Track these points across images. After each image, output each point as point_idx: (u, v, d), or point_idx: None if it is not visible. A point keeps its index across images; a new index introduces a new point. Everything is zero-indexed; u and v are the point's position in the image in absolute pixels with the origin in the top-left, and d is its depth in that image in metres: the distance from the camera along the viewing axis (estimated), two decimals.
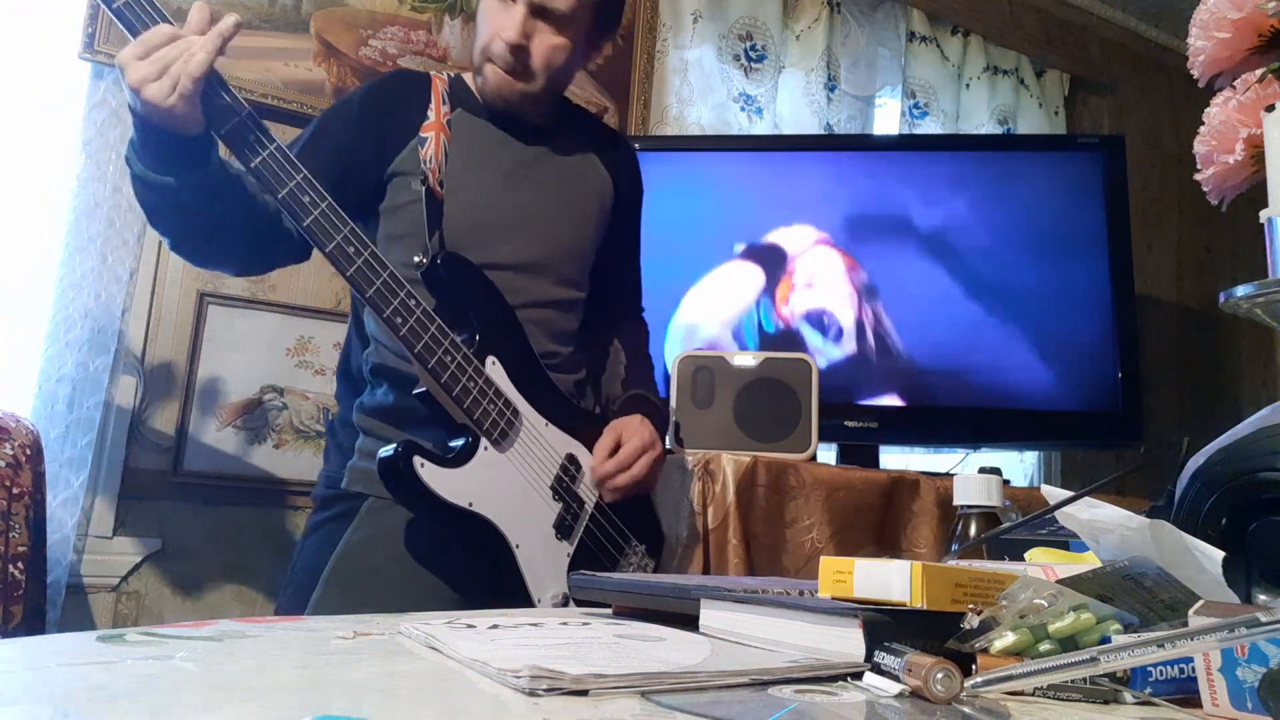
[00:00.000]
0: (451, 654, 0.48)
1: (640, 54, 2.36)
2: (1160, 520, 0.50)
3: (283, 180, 1.05)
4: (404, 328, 1.09)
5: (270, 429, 1.85)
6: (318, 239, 1.06)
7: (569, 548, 1.21)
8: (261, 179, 1.05)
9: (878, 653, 0.44)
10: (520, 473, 1.18)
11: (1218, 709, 0.40)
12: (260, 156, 1.04)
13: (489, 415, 1.15)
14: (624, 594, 0.70)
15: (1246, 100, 0.68)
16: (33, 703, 0.36)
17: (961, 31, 2.80)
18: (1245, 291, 0.58)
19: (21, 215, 1.72)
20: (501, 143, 1.32)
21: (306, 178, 1.06)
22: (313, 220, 1.06)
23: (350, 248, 1.07)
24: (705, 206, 2.06)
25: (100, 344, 1.70)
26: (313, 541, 1.23)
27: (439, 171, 1.23)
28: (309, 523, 1.28)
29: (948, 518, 1.59)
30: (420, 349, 1.10)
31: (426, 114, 1.27)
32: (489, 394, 1.15)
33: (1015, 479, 2.64)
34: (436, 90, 1.29)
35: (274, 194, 1.05)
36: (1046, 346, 2.02)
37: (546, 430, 1.22)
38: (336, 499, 1.23)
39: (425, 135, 1.25)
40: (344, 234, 1.07)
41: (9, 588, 1.30)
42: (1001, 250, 2.06)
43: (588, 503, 1.25)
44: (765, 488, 1.51)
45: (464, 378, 1.13)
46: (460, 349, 1.13)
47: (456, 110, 1.30)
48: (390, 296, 1.09)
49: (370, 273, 1.08)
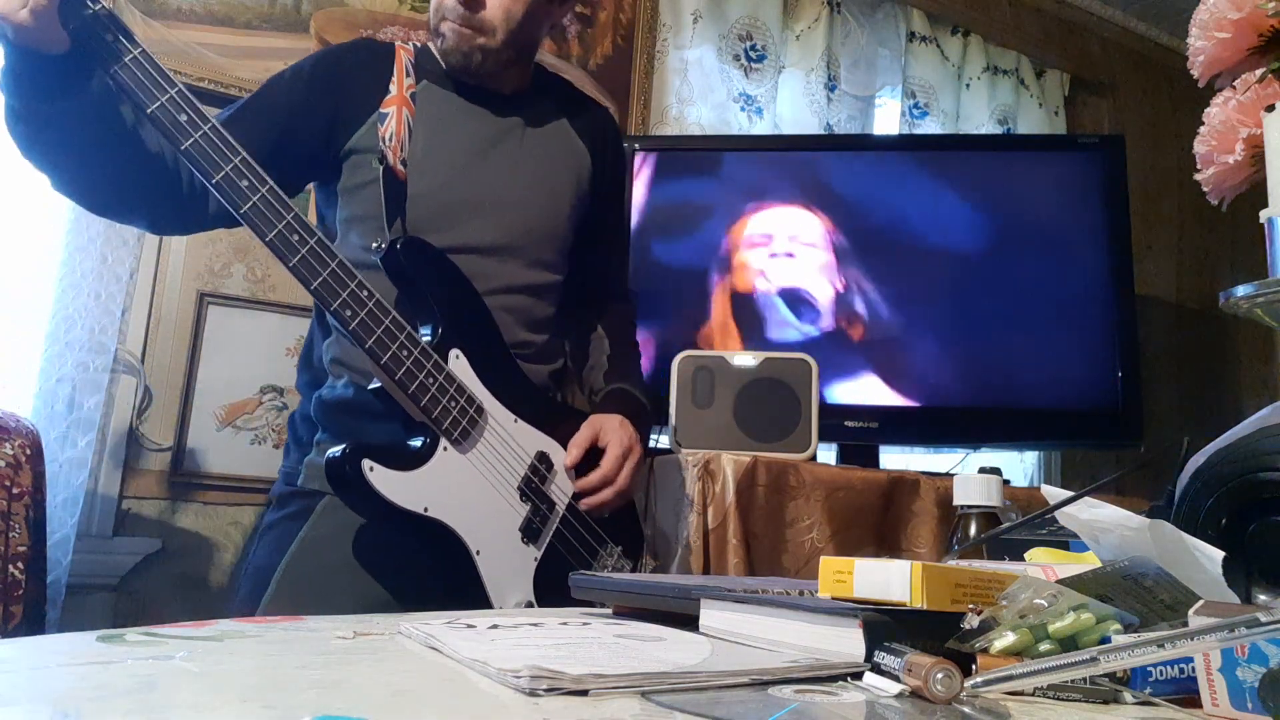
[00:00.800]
0: (451, 654, 0.48)
1: (640, 54, 2.36)
2: (1160, 520, 0.50)
3: (218, 164, 0.97)
4: (354, 321, 1.02)
5: (270, 429, 1.85)
6: (256, 227, 0.98)
7: (536, 552, 1.14)
8: (194, 161, 0.97)
9: (878, 653, 0.44)
10: (483, 474, 1.11)
11: (1218, 709, 0.40)
12: (192, 138, 0.96)
13: (449, 413, 1.08)
14: (624, 594, 0.70)
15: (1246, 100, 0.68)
16: (33, 703, 0.36)
17: (961, 31, 2.80)
18: (1245, 291, 0.58)
19: (21, 215, 1.72)
20: (469, 115, 1.24)
21: (245, 159, 0.98)
22: (250, 207, 0.98)
23: (294, 235, 1.00)
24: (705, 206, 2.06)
25: (100, 344, 1.70)
26: (267, 540, 1.17)
27: (400, 150, 1.16)
28: (265, 521, 1.22)
29: (948, 518, 1.59)
30: (372, 343, 1.03)
31: (388, 88, 1.19)
32: (450, 390, 1.08)
33: (1015, 479, 2.64)
34: (400, 61, 1.21)
35: (208, 179, 0.97)
36: (1046, 346, 2.02)
37: (515, 427, 1.15)
38: (293, 496, 1.18)
39: (386, 110, 1.17)
40: (286, 221, 0.99)
41: (9, 588, 1.30)
42: (1001, 250, 2.06)
43: (559, 504, 1.17)
44: (765, 488, 1.51)
45: (421, 374, 1.06)
46: (417, 343, 1.06)
47: (422, 82, 1.23)
48: (339, 288, 1.02)
49: (316, 262, 1.01)
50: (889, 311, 2.02)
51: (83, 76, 0.97)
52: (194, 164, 0.97)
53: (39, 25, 0.89)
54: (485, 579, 1.09)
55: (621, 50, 2.33)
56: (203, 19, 1.85)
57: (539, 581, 1.14)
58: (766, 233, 2.06)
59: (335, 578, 1.10)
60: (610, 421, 1.23)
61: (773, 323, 2.01)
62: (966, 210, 2.08)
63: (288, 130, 1.14)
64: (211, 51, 1.86)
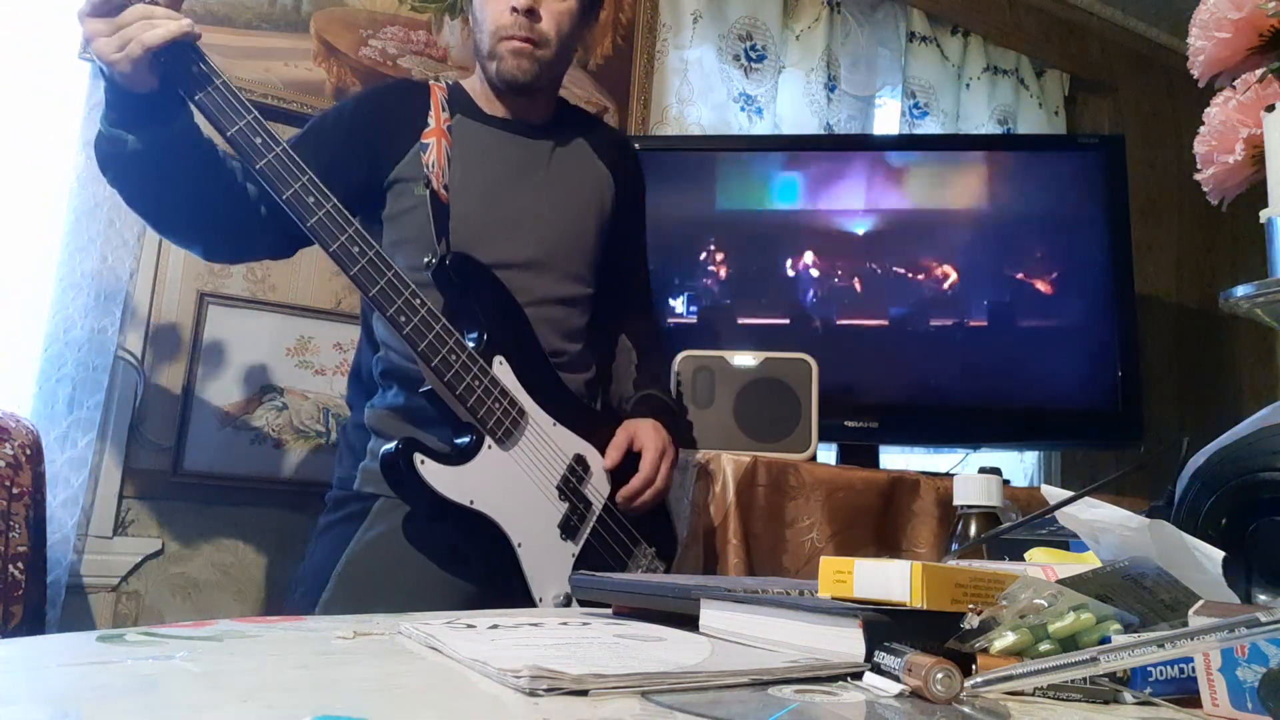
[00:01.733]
0: (451, 654, 0.48)
1: (640, 54, 2.36)
2: (1160, 520, 0.50)
3: (288, 182, 1.07)
4: (408, 326, 1.11)
5: (270, 429, 1.85)
6: (321, 238, 1.08)
7: (574, 548, 1.21)
8: (266, 180, 1.07)
9: (878, 653, 0.44)
10: (525, 472, 1.18)
11: (1218, 709, 0.40)
12: (266, 158, 1.07)
13: (493, 414, 1.16)
14: (624, 594, 0.70)
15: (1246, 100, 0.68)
16: (33, 703, 0.36)
17: (961, 31, 2.80)
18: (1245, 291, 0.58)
19: (21, 215, 1.72)
20: (501, 144, 1.34)
21: (312, 179, 1.08)
22: (317, 220, 1.08)
23: (355, 248, 1.09)
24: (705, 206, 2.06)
25: (100, 344, 1.70)
26: (325, 542, 1.24)
27: (443, 175, 1.25)
28: (321, 524, 1.29)
29: (948, 518, 1.59)
30: (424, 348, 1.11)
31: (427, 120, 1.29)
32: (494, 393, 1.16)
33: (1015, 479, 2.64)
34: (435, 97, 1.31)
35: (279, 195, 1.07)
36: (1046, 346, 2.02)
37: (554, 430, 1.22)
38: (349, 500, 1.25)
39: (427, 141, 1.27)
40: (348, 234, 1.09)
41: (9, 588, 1.30)
42: (1001, 250, 2.06)
43: (595, 504, 1.25)
44: (765, 488, 1.51)
45: (468, 376, 1.14)
46: (465, 348, 1.15)
47: (456, 116, 1.32)
48: (394, 296, 1.11)
49: (374, 272, 1.10)
50: (889, 311, 2.02)
51: (168, 113, 1.08)
52: (268, 181, 1.08)
53: (134, 71, 1.01)
54: (527, 571, 1.16)
55: (621, 50, 2.33)
56: (203, 19, 1.85)
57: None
58: (766, 232, 2.06)
59: (393, 574, 1.17)
60: (644, 425, 1.31)
61: (772, 322, 2.01)
62: (966, 210, 2.08)
63: (336, 165, 1.22)
64: (211, 51, 1.84)
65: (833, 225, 2.06)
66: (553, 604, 1.17)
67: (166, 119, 1.08)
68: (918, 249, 2.05)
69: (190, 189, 1.14)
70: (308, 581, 1.22)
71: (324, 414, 1.89)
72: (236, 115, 1.06)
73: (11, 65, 1.73)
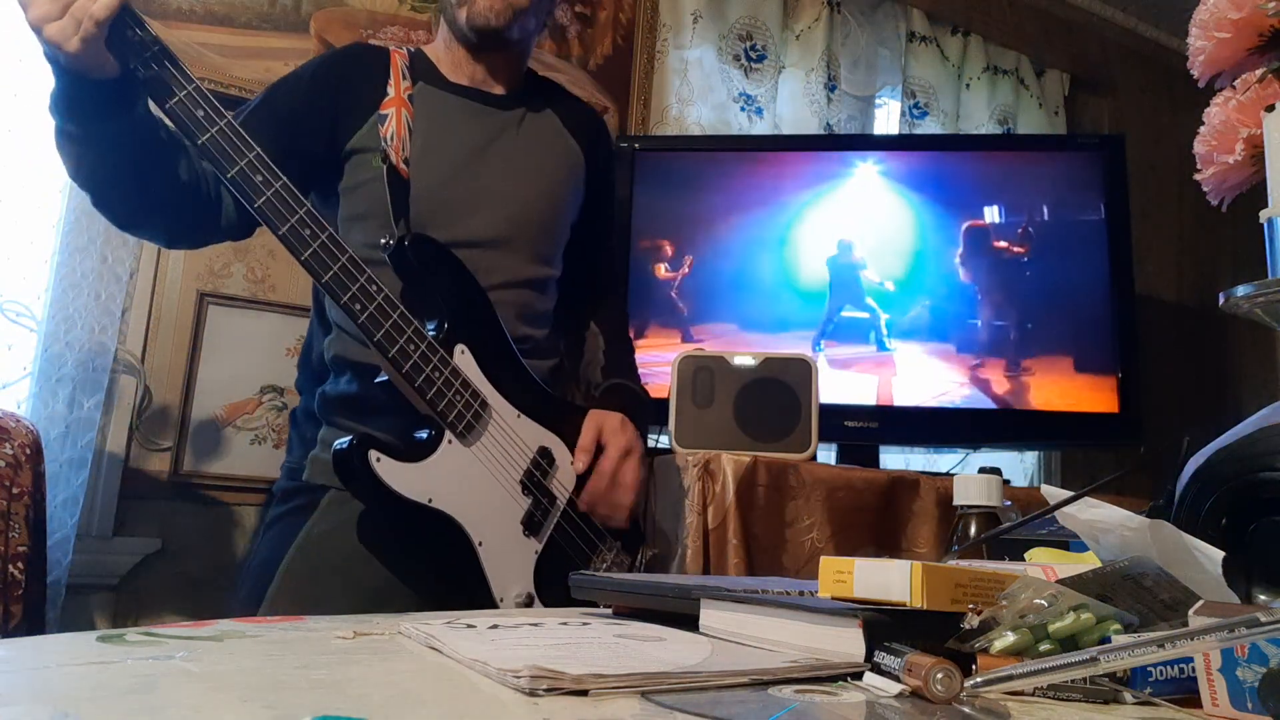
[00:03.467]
0: (451, 654, 0.48)
1: (640, 54, 2.36)
2: (1160, 520, 0.50)
3: (233, 159, 0.99)
4: (363, 314, 1.04)
5: (270, 429, 1.85)
6: (270, 221, 1.00)
7: (537, 545, 1.16)
8: (210, 156, 0.99)
9: (878, 653, 0.44)
10: (486, 467, 1.13)
11: (1218, 709, 0.40)
12: (209, 133, 0.98)
13: (454, 407, 1.10)
14: (624, 594, 0.70)
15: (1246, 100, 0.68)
16: (33, 703, 0.36)
17: (961, 31, 2.80)
18: (1245, 291, 0.58)
19: (21, 215, 1.72)
20: (464, 114, 1.27)
21: (259, 155, 1.00)
22: (265, 201, 1.00)
23: (305, 230, 1.01)
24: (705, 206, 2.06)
25: (100, 344, 1.70)
26: (271, 535, 1.19)
27: (402, 149, 1.18)
28: (268, 517, 1.23)
29: (948, 518, 1.59)
30: (380, 337, 1.05)
31: (386, 90, 1.22)
32: (455, 384, 1.10)
33: (1015, 479, 2.64)
34: (396, 64, 1.24)
35: (223, 173, 0.99)
36: (1046, 346, 2.02)
37: (518, 422, 1.17)
38: (298, 491, 1.19)
39: (385, 111, 1.20)
40: (299, 215, 1.01)
41: (9, 588, 1.30)
42: (1001, 250, 2.06)
43: (560, 498, 1.20)
44: (765, 488, 1.51)
45: (427, 367, 1.08)
46: (424, 337, 1.08)
47: (418, 84, 1.26)
48: (349, 282, 1.03)
49: (327, 256, 1.02)
50: (889, 311, 2.02)
51: (129, 98, 1.00)
52: (210, 159, 0.99)
53: (89, 52, 0.92)
54: (487, 570, 1.11)
55: (621, 50, 2.33)
56: (203, 19, 1.85)
57: (539, 574, 1.16)
58: (765, 233, 2.06)
59: (340, 570, 1.11)
60: (611, 420, 1.25)
61: (772, 322, 2.01)
62: (966, 210, 2.08)
63: (291, 135, 1.16)
64: (211, 51, 1.86)
65: (833, 225, 2.06)
66: (514, 603, 1.12)
67: (130, 104, 1.00)
68: (916, 249, 2.05)
69: (155, 177, 1.06)
70: (254, 575, 1.16)
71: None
72: (176, 86, 0.97)
73: (12, 65, 1.73)
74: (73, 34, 0.90)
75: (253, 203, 1.00)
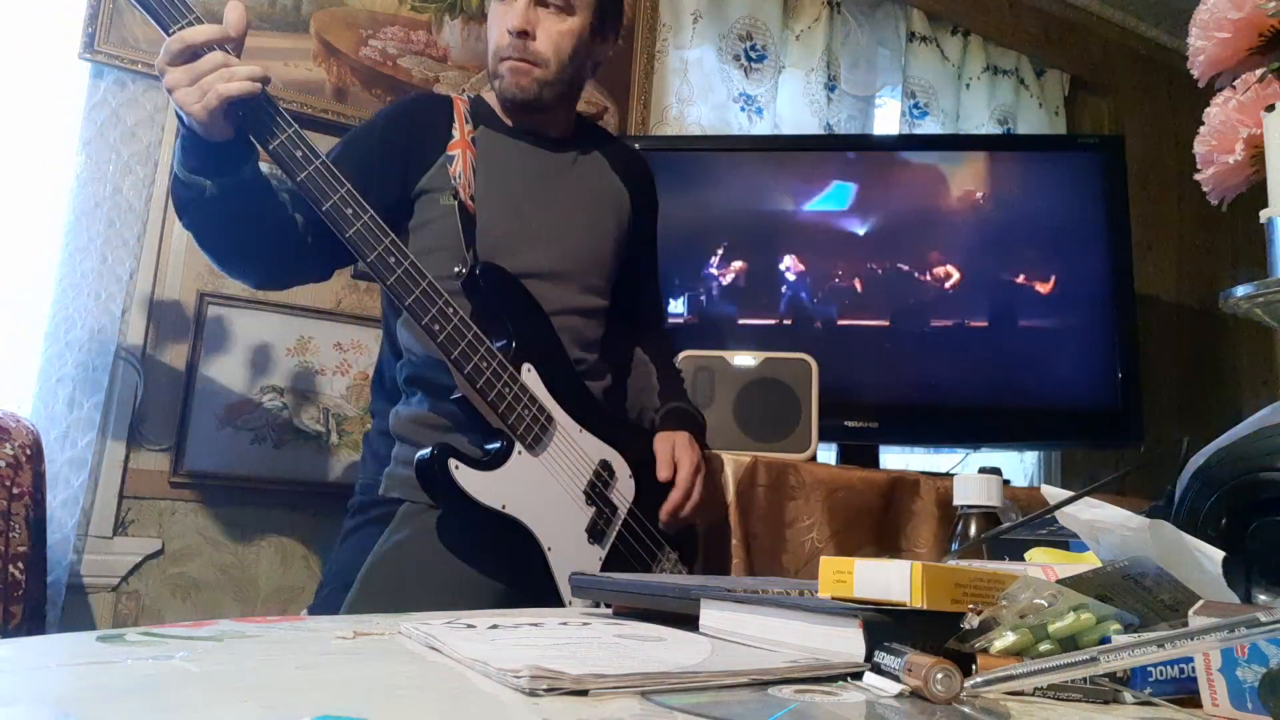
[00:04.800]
0: (451, 654, 0.48)
1: (640, 54, 2.36)
2: (1160, 520, 0.50)
3: (327, 194, 1.09)
4: (441, 334, 1.13)
5: (270, 429, 1.85)
6: (360, 249, 1.11)
7: (601, 552, 1.23)
8: (307, 192, 1.09)
9: (878, 653, 0.44)
10: (554, 477, 1.20)
11: (1218, 709, 0.40)
12: (306, 171, 1.09)
13: (523, 420, 1.18)
14: (624, 594, 0.70)
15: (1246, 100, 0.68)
16: (33, 703, 0.36)
17: (961, 31, 2.80)
18: (1245, 291, 0.58)
19: (21, 215, 1.72)
20: (522, 155, 1.37)
21: (350, 191, 1.10)
22: (355, 231, 1.10)
23: (391, 258, 1.12)
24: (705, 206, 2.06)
25: (100, 344, 1.70)
26: (350, 544, 1.26)
27: (469, 186, 1.28)
28: (345, 527, 1.30)
29: (948, 518, 1.59)
30: (457, 355, 1.14)
31: (451, 133, 1.32)
32: (524, 400, 1.18)
33: (1015, 479, 2.64)
34: (459, 110, 1.34)
35: (318, 206, 1.09)
36: (1046, 346, 2.02)
37: (580, 436, 1.25)
38: (373, 504, 1.26)
39: (452, 153, 1.30)
40: (385, 244, 1.12)
41: (9, 588, 1.30)
42: (1001, 250, 2.06)
43: (620, 508, 1.27)
44: (765, 488, 1.51)
45: (499, 383, 1.16)
46: (496, 355, 1.17)
47: (479, 127, 1.35)
48: (429, 304, 1.13)
49: (410, 281, 1.12)
50: (889, 311, 2.02)
51: (242, 157, 1.12)
52: (308, 194, 1.10)
53: (211, 120, 1.05)
54: (557, 574, 1.17)
55: (621, 50, 2.33)
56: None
57: None
58: (766, 232, 2.06)
59: (419, 576, 1.18)
60: (680, 439, 1.35)
61: (772, 322, 2.01)
62: (966, 210, 2.08)
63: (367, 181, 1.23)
64: None
65: (833, 225, 2.06)
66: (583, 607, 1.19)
67: (240, 164, 1.12)
68: (918, 249, 2.05)
69: (255, 227, 1.18)
70: (333, 582, 1.23)
71: (324, 414, 1.89)
72: (278, 129, 1.09)
73: (11, 65, 1.73)
74: (195, 103, 1.03)
75: (344, 233, 1.10)
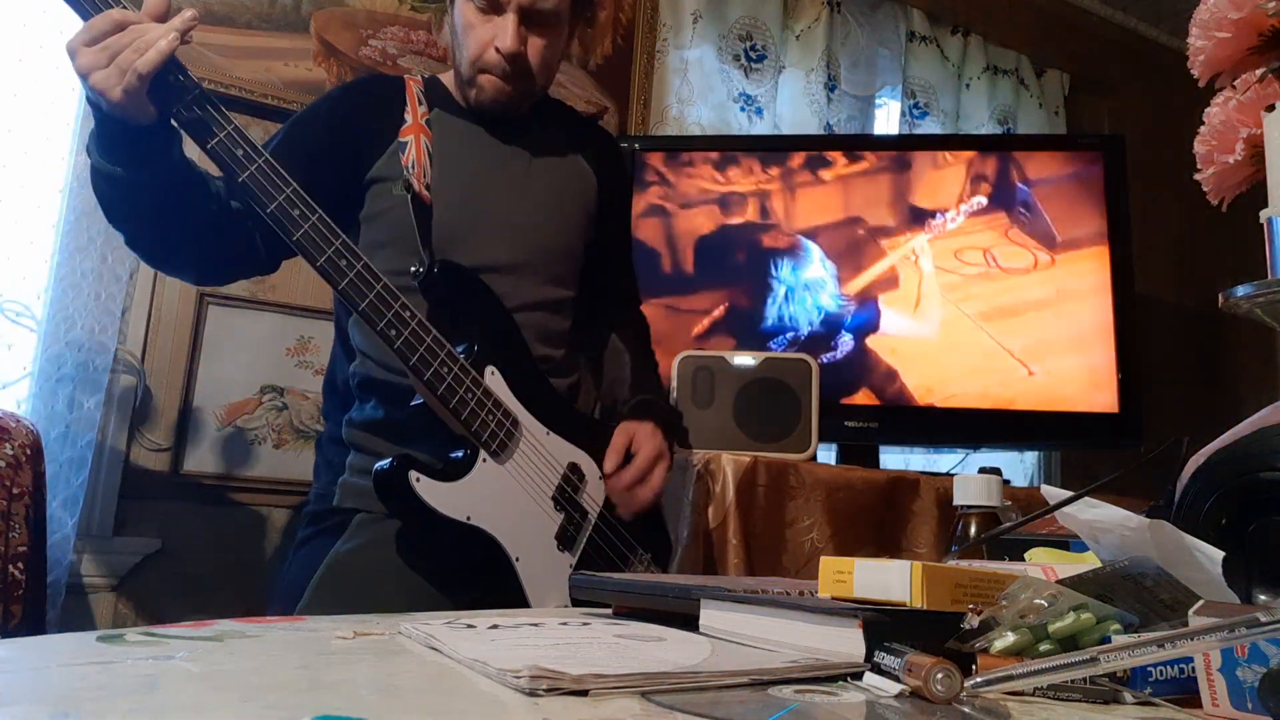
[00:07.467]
0: (451, 654, 0.48)
1: (640, 54, 2.36)
2: (1160, 520, 0.50)
3: (271, 195, 1.01)
4: (399, 340, 1.06)
5: (270, 429, 1.85)
6: (308, 253, 1.03)
7: (571, 559, 1.19)
8: (250, 194, 1.01)
9: (878, 653, 0.44)
10: (520, 484, 1.15)
11: (1218, 709, 0.40)
12: (249, 170, 1.00)
13: (488, 426, 1.12)
14: (624, 594, 0.70)
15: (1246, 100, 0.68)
16: (33, 703, 0.36)
17: (961, 31, 2.80)
18: (1245, 291, 0.58)
19: (20, 215, 1.72)
20: (480, 142, 1.28)
21: (296, 190, 1.02)
22: (303, 234, 1.02)
23: (342, 260, 1.04)
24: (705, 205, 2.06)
25: (100, 344, 1.70)
26: (302, 555, 1.20)
27: (423, 175, 1.19)
28: (298, 538, 1.25)
29: (948, 518, 1.59)
30: (416, 361, 1.07)
31: (404, 117, 1.23)
32: (488, 404, 1.12)
33: (1015, 479, 2.64)
34: (411, 92, 1.26)
35: (262, 208, 1.01)
36: (1046, 346, 2.02)
37: (547, 439, 1.19)
38: (327, 514, 1.21)
39: (405, 139, 1.22)
40: (335, 247, 1.04)
41: (9, 588, 1.30)
42: (1001, 250, 2.06)
43: (591, 512, 1.22)
44: (765, 488, 1.51)
45: (461, 389, 1.10)
46: (457, 359, 1.10)
47: (434, 110, 1.27)
48: (384, 309, 1.05)
49: (363, 285, 1.05)
50: (889, 311, 2.02)
51: (165, 143, 1.02)
52: (250, 195, 1.01)
53: (131, 101, 0.94)
54: (526, 584, 1.13)
55: (621, 50, 2.33)
56: (203, 19, 1.83)
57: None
58: (766, 232, 2.06)
59: (371, 584, 1.12)
60: (642, 428, 1.27)
61: (772, 322, 2.01)
62: (966, 210, 2.08)
63: (313, 170, 1.16)
64: (211, 51, 1.86)
65: (832, 225, 2.06)
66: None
67: (166, 148, 1.02)
68: (916, 249, 2.05)
69: (188, 218, 1.08)
70: (284, 594, 1.18)
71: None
72: (217, 127, 0.99)
73: (10, 65, 1.73)
74: (117, 83, 0.93)
75: (291, 236, 1.02)
